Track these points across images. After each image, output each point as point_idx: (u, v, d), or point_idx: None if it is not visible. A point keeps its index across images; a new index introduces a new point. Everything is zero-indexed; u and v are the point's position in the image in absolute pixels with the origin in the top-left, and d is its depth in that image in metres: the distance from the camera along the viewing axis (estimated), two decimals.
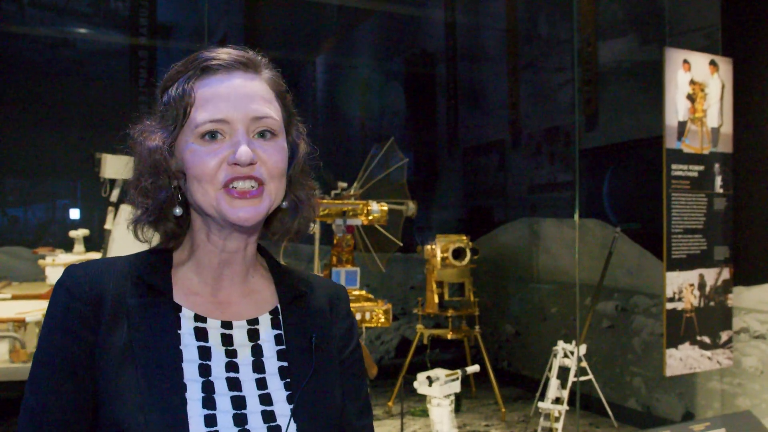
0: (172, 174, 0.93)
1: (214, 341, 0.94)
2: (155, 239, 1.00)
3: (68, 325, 0.90)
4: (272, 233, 1.01)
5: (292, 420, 0.92)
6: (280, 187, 0.95)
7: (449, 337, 5.40)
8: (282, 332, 0.99)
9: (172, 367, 0.89)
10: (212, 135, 0.90)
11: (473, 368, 3.63)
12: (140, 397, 0.86)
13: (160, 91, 0.97)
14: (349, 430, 1.02)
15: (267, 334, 0.98)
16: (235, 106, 0.91)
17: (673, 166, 3.48)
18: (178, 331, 0.92)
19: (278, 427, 0.91)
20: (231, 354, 0.94)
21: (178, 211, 0.95)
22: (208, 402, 0.89)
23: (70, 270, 0.94)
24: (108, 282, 0.93)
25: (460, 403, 5.19)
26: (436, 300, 5.31)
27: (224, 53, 0.94)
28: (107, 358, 0.88)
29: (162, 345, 0.90)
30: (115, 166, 3.89)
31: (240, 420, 0.90)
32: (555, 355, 4.19)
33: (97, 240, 4.47)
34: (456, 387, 3.31)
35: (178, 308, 0.94)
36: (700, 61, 3.60)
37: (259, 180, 0.91)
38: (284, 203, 0.98)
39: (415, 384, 3.32)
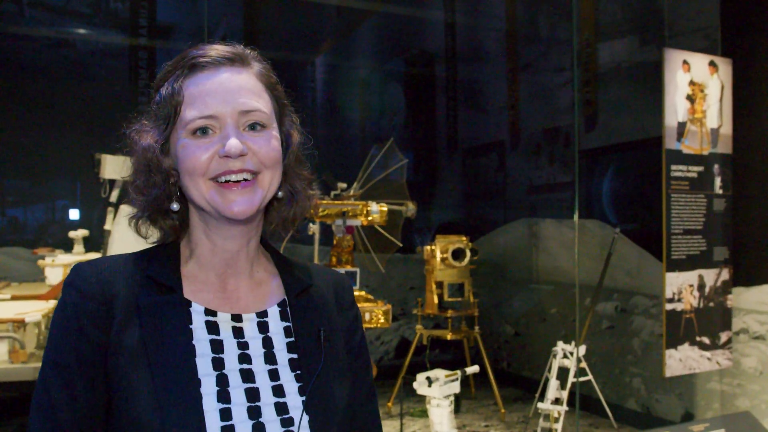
0: (164, 171, 0.94)
1: (226, 334, 0.95)
2: (154, 236, 1.01)
3: (81, 325, 0.90)
4: (269, 222, 1.03)
5: (304, 412, 0.93)
6: (274, 177, 0.96)
7: (449, 337, 5.39)
8: (290, 324, 1.00)
9: (185, 363, 0.89)
10: (203, 131, 0.92)
11: (473, 369, 3.63)
12: (155, 396, 0.86)
13: (154, 90, 0.99)
14: (356, 416, 1.03)
15: (276, 326, 0.99)
16: (223, 101, 0.92)
17: (673, 167, 3.48)
18: (190, 326, 0.93)
19: (291, 420, 0.92)
20: (243, 346, 0.95)
21: (175, 206, 0.96)
22: (223, 395, 0.90)
23: (79, 269, 0.94)
24: (118, 281, 0.93)
25: (459, 403, 5.18)
26: (436, 301, 5.30)
27: (212, 50, 0.96)
28: (120, 358, 0.89)
29: (175, 342, 0.90)
30: (115, 167, 3.88)
31: (254, 413, 0.91)
32: (554, 356, 4.19)
33: (97, 240, 4.47)
34: (455, 387, 3.31)
35: (188, 303, 0.95)
36: (699, 61, 3.60)
37: (251, 171, 0.92)
38: (279, 193, 0.99)
39: (415, 384, 3.32)
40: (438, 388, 3.22)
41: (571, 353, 4.17)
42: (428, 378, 3.24)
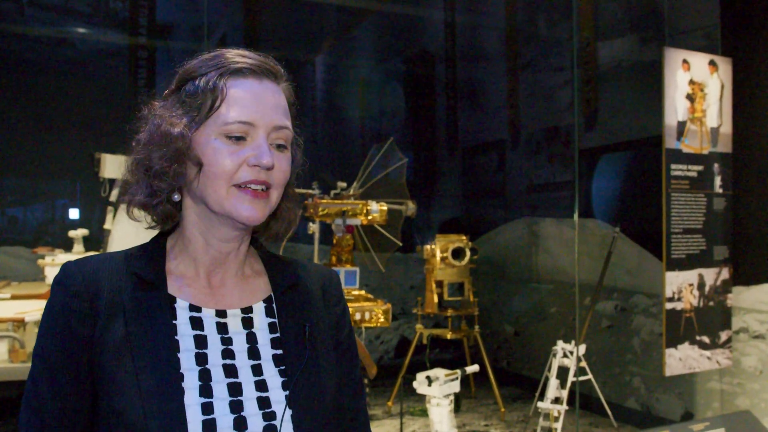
0: (191, 162, 0.95)
1: (210, 330, 0.97)
2: (146, 221, 1.02)
3: (66, 322, 0.92)
4: (254, 232, 1.06)
5: (287, 406, 0.94)
6: (279, 195, 0.99)
7: (449, 336, 5.40)
8: (276, 320, 1.02)
9: (168, 357, 0.91)
10: (238, 138, 0.94)
11: (473, 368, 3.63)
12: (138, 389, 0.88)
13: (182, 79, 0.99)
14: (344, 412, 1.05)
15: (261, 322, 1.01)
16: (263, 112, 0.95)
17: (673, 166, 3.48)
18: (174, 322, 0.95)
19: (273, 414, 0.93)
20: (226, 342, 0.97)
21: (176, 197, 0.98)
22: (205, 390, 0.91)
23: (66, 267, 0.96)
24: (103, 278, 0.95)
25: (459, 402, 5.19)
26: (436, 300, 5.30)
27: (254, 59, 0.98)
28: (105, 353, 0.91)
29: (158, 337, 0.92)
30: (115, 166, 3.89)
31: (236, 407, 0.92)
32: (554, 355, 4.20)
33: (97, 240, 4.47)
34: (455, 387, 3.31)
35: (173, 299, 0.96)
36: (699, 60, 3.60)
37: (269, 185, 0.95)
38: None
39: (415, 384, 3.32)
40: (438, 387, 3.22)
41: (571, 352, 4.17)
42: (428, 377, 3.24)
